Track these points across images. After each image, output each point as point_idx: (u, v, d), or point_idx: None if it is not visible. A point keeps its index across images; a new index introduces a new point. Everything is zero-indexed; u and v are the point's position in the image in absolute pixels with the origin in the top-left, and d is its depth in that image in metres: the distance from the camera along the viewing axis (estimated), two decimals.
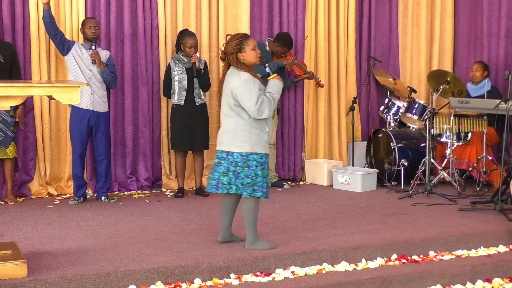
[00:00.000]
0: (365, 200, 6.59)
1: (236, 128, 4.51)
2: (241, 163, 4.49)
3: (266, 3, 7.46)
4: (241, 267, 4.32)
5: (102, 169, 6.40)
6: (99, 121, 6.30)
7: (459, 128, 6.95)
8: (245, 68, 4.54)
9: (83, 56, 6.24)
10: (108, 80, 6.32)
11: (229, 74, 4.59)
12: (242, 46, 4.54)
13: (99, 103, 6.29)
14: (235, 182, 4.52)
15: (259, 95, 4.47)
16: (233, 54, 4.54)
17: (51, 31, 6.09)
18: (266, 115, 4.49)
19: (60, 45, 6.20)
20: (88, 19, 6.33)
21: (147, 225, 5.34)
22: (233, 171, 4.51)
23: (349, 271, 4.46)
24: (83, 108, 6.20)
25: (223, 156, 4.56)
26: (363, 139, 8.04)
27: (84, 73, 6.21)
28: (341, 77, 7.89)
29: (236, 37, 4.59)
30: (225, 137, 4.56)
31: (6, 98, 3.74)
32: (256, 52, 4.58)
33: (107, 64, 6.35)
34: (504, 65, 7.61)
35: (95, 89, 6.25)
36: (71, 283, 3.90)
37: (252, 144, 4.50)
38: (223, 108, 4.62)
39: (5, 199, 6.33)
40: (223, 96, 4.62)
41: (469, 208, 6.02)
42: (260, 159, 4.53)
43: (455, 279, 4.57)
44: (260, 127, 4.54)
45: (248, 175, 4.50)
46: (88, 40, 6.27)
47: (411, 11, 8.23)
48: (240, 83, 4.46)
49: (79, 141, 6.24)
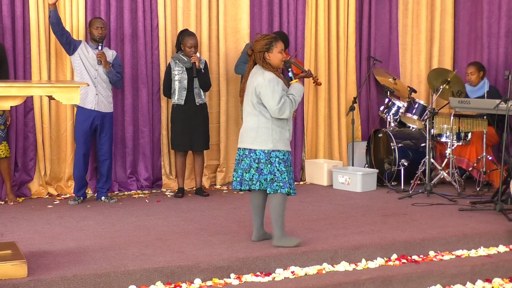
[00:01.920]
0: (365, 200, 6.59)
1: (258, 126, 4.58)
2: (263, 160, 4.57)
3: (266, 3, 7.46)
4: (241, 267, 4.32)
5: (104, 169, 6.40)
6: (104, 121, 6.31)
7: (459, 128, 6.95)
8: (269, 68, 4.62)
9: (89, 56, 6.24)
10: (114, 80, 6.33)
11: (253, 73, 4.66)
12: (271, 47, 4.62)
13: (104, 103, 6.30)
14: (258, 178, 4.59)
15: (282, 95, 4.54)
16: (261, 53, 4.63)
17: (57, 31, 6.09)
18: (286, 115, 4.56)
19: (67, 45, 6.20)
20: (95, 20, 6.33)
21: (147, 225, 5.34)
22: (256, 168, 4.59)
23: (349, 271, 4.46)
24: (88, 108, 6.21)
25: (246, 154, 4.63)
26: (363, 139, 8.04)
27: (90, 73, 6.22)
28: (341, 77, 7.89)
29: (266, 37, 4.68)
30: (248, 135, 4.63)
31: (6, 98, 3.74)
32: (282, 56, 4.67)
33: (113, 64, 6.36)
34: (504, 65, 7.61)
35: (100, 90, 6.26)
36: (71, 283, 3.90)
37: (274, 141, 4.57)
38: (246, 106, 4.68)
39: (5, 199, 6.33)
40: (246, 94, 4.68)
41: (469, 208, 6.02)
42: (282, 156, 4.59)
43: (455, 279, 4.57)
44: (282, 125, 4.61)
45: (271, 171, 4.56)
46: (94, 40, 6.27)
47: (411, 11, 8.23)
48: (264, 82, 4.53)
49: (83, 141, 6.25)
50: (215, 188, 7.25)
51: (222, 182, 7.38)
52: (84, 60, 6.22)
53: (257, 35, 4.78)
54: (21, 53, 6.47)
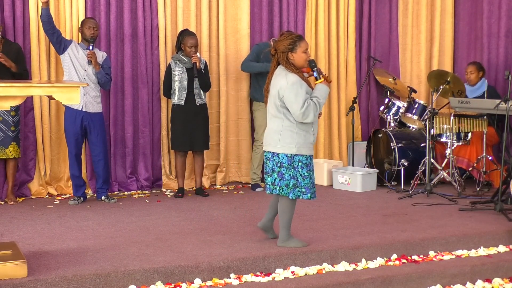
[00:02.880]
0: (365, 200, 6.59)
1: (282, 129, 4.50)
2: (286, 164, 4.50)
3: (266, 3, 7.46)
4: (241, 267, 4.32)
5: (99, 169, 6.38)
6: (93, 122, 6.27)
7: (459, 128, 6.95)
8: (293, 69, 4.49)
9: (79, 55, 6.22)
10: (102, 81, 6.30)
11: (277, 74, 4.55)
12: (295, 47, 4.49)
13: (92, 104, 6.26)
14: (279, 183, 4.53)
15: (306, 98, 4.43)
16: (284, 53, 4.49)
17: (48, 29, 6.08)
18: (310, 119, 4.46)
19: (57, 44, 6.19)
20: (88, 20, 6.33)
21: (147, 225, 5.34)
22: (278, 172, 4.53)
23: (349, 271, 4.46)
24: (75, 108, 6.18)
25: (269, 157, 4.59)
26: (363, 139, 8.04)
27: (79, 73, 6.20)
28: (341, 77, 7.89)
29: (290, 36, 4.52)
30: (272, 138, 4.57)
31: (6, 98, 3.74)
32: (306, 56, 4.52)
33: (103, 65, 6.33)
34: (504, 65, 7.60)
35: (89, 90, 6.21)
36: (71, 283, 3.90)
37: (298, 145, 4.50)
38: (269, 109, 4.60)
39: (5, 199, 6.33)
40: (270, 96, 4.59)
41: (469, 208, 6.02)
42: (305, 161, 4.53)
43: (455, 279, 4.57)
44: (306, 129, 4.52)
45: (294, 176, 4.51)
46: (86, 40, 6.26)
47: (411, 11, 8.22)
48: (288, 85, 4.42)
49: (73, 141, 6.23)
50: (215, 188, 7.25)
51: (222, 182, 7.38)
52: (73, 59, 6.20)
53: (281, 34, 4.61)
54: None
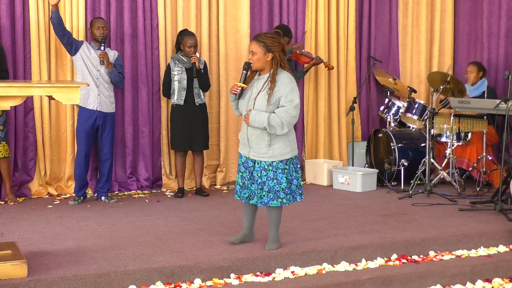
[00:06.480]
0: (365, 200, 6.59)
1: None
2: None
3: (266, 3, 7.46)
4: (241, 267, 4.32)
5: (105, 169, 6.40)
6: (106, 121, 6.32)
7: (459, 128, 6.95)
8: None
9: (91, 56, 6.24)
10: (115, 80, 6.34)
11: None
12: None
13: (106, 103, 6.30)
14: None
15: None
16: None
17: (59, 32, 6.09)
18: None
19: (68, 46, 6.20)
20: (96, 20, 6.33)
21: (147, 225, 5.34)
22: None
23: (349, 271, 4.46)
24: (90, 108, 6.21)
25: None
26: (363, 139, 8.04)
27: (92, 73, 6.22)
28: (341, 77, 7.89)
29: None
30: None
31: (6, 98, 3.74)
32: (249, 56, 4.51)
33: (115, 64, 6.36)
34: (504, 65, 7.61)
35: (102, 90, 6.26)
36: (71, 283, 3.90)
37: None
38: None
39: (5, 199, 6.33)
40: None
41: (469, 208, 6.02)
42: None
43: (455, 279, 4.57)
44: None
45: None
46: (96, 40, 6.27)
47: (411, 11, 8.23)
48: None
49: (85, 141, 6.25)
50: (215, 188, 7.25)
51: (222, 182, 7.38)
52: (86, 60, 6.22)
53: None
54: (21, 53, 6.47)
